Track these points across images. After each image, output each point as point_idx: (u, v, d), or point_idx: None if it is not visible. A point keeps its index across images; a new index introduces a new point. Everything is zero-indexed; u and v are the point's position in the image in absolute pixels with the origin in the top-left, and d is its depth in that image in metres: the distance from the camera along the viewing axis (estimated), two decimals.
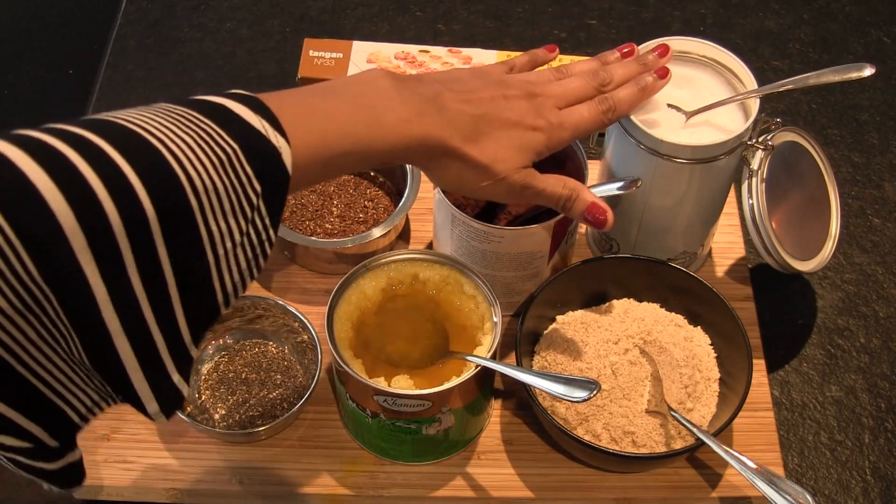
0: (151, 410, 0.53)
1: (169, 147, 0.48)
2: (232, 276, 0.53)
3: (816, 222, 0.91)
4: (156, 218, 0.47)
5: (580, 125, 0.74)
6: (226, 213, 0.50)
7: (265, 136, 0.53)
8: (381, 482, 0.83)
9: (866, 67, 0.81)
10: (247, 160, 0.51)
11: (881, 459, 0.87)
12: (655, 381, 0.82)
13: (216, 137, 0.51)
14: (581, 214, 0.74)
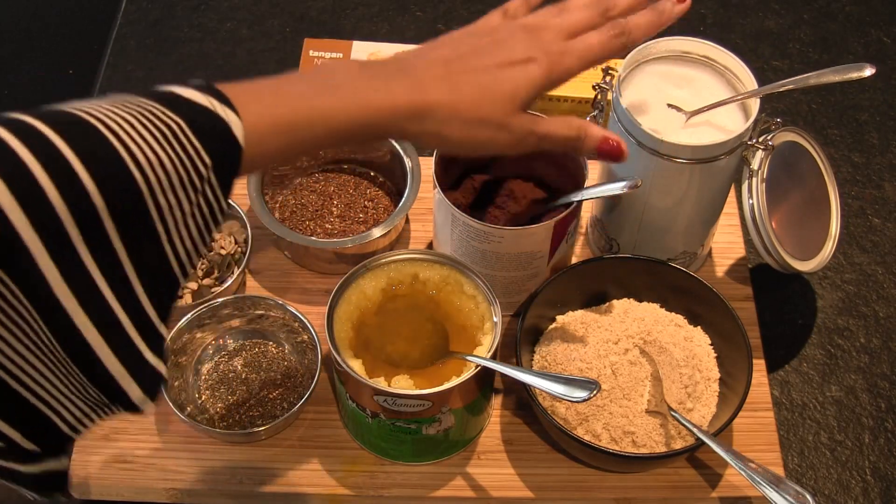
0: (135, 396, 0.52)
1: (110, 126, 0.49)
2: (184, 245, 0.53)
3: (816, 222, 0.91)
4: (98, 193, 0.47)
5: (589, 52, 0.68)
6: (174, 186, 0.51)
7: (212, 110, 0.53)
8: (381, 482, 0.83)
9: (866, 67, 0.81)
10: (193, 133, 0.51)
11: (881, 459, 0.87)
12: (655, 381, 0.82)
13: (159, 115, 0.51)
14: (594, 151, 0.69)
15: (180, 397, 0.85)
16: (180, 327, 0.85)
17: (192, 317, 0.85)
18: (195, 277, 0.92)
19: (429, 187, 0.93)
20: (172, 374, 0.85)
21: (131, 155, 0.48)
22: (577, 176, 0.86)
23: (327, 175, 0.99)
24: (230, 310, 0.88)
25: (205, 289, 0.91)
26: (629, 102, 0.82)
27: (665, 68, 0.86)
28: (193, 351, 0.88)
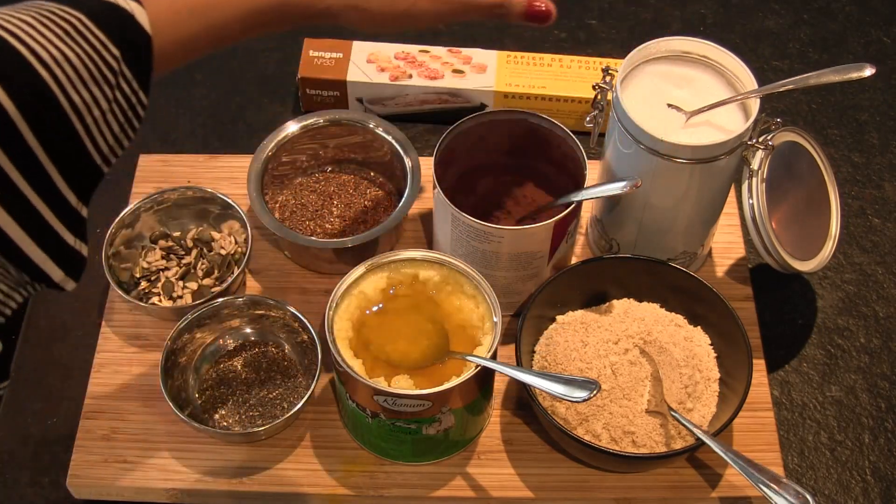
0: (57, 278, 0.53)
1: (10, 30, 0.48)
2: (106, 140, 0.53)
3: (816, 222, 0.91)
4: (7, 98, 0.47)
5: None
6: (85, 82, 0.50)
7: (113, 2, 0.52)
8: (381, 482, 0.83)
9: (866, 67, 0.81)
10: (96, 26, 0.51)
11: (881, 459, 0.87)
12: (655, 381, 0.82)
13: (57, 12, 0.51)
14: (522, 16, 0.69)
15: (180, 397, 0.85)
16: (180, 327, 0.85)
17: (192, 317, 0.85)
18: (195, 277, 0.92)
19: (429, 187, 0.93)
20: (172, 374, 0.85)
21: (35, 55, 0.48)
22: (577, 176, 0.86)
23: (327, 175, 0.99)
24: (230, 310, 0.88)
25: (205, 289, 0.91)
26: (629, 102, 0.82)
27: (665, 68, 0.86)
28: (193, 351, 0.88)
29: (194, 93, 1.12)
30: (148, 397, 0.87)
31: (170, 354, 0.84)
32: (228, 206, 0.93)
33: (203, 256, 0.93)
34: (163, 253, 0.93)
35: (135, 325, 0.91)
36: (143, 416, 0.86)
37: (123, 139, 0.54)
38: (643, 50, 0.85)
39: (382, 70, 1.06)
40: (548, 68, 1.06)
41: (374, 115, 0.98)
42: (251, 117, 1.10)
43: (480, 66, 1.06)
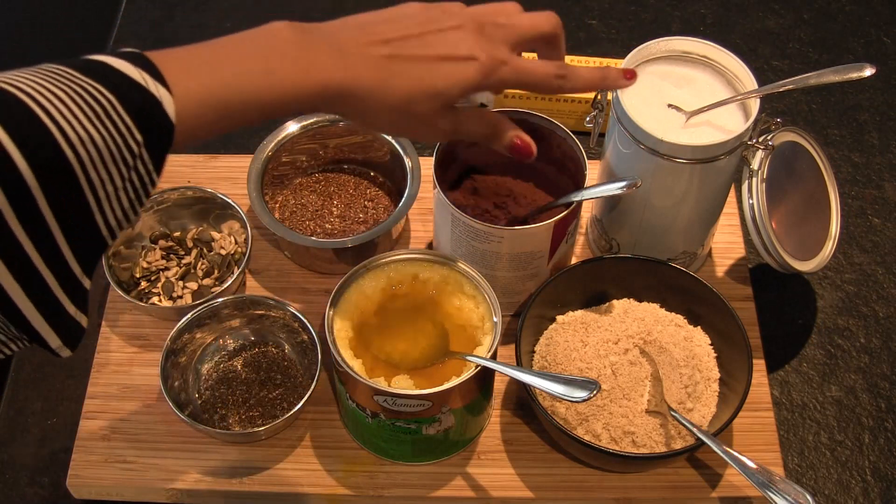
0: (54, 345, 0.54)
1: (40, 103, 0.49)
2: (115, 215, 0.54)
3: (816, 222, 0.91)
4: (28, 168, 0.48)
5: (527, 75, 0.68)
6: (105, 163, 0.51)
7: (144, 86, 0.53)
8: (381, 482, 0.83)
9: (866, 67, 0.81)
10: (125, 111, 0.52)
11: (881, 459, 0.87)
12: (655, 381, 0.82)
13: (91, 90, 0.51)
14: (506, 149, 0.71)
15: (180, 397, 0.85)
16: (180, 327, 0.85)
17: (192, 317, 0.85)
18: (195, 277, 0.92)
19: (429, 187, 0.93)
20: (172, 374, 0.85)
21: (63, 133, 0.49)
22: (577, 176, 0.86)
23: (327, 175, 0.99)
24: (230, 310, 0.88)
25: (205, 289, 0.91)
26: (629, 102, 0.82)
27: (665, 68, 0.86)
28: (193, 351, 0.88)
29: None
30: (148, 397, 0.87)
31: (170, 354, 0.84)
32: (228, 206, 0.93)
33: (203, 256, 0.93)
34: (163, 253, 0.93)
35: (135, 325, 0.91)
36: (143, 416, 0.86)
37: (131, 214, 0.55)
38: (643, 50, 0.85)
39: None
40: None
41: None
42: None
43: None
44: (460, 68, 0.65)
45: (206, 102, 0.57)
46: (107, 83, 0.52)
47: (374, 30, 0.64)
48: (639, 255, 0.89)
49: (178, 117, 0.54)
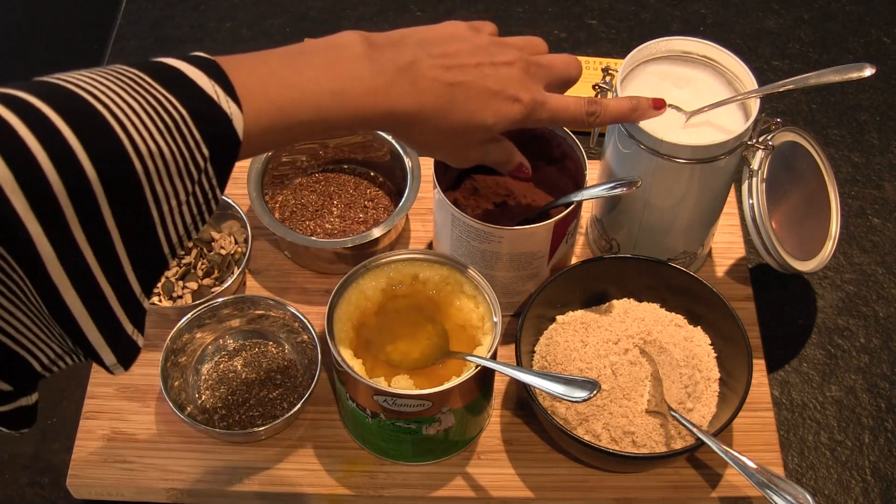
0: (109, 362, 0.54)
1: (113, 111, 0.49)
2: (177, 230, 0.54)
3: (816, 222, 0.91)
4: (97, 179, 0.48)
5: (560, 113, 0.72)
6: (171, 176, 0.51)
7: (216, 101, 0.53)
8: (381, 482, 0.83)
9: (866, 67, 0.81)
10: (195, 125, 0.52)
11: (881, 459, 0.87)
12: (655, 381, 0.82)
13: (164, 102, 0.51)
14: (511, 173, 0.78)
15: (180, 397, 0.85)
16: (180, 327, 0.85)
17: (192, 317, 0.85)
18: (195, 277, 0.92)
19: (429, 187, 0.93)
20: (172, 374, 0.85)
21: (133, 143, 0.49)
22: (577, 176, 0.87)
23: (327, 175, 0.99)
24: (230, 310, 0.88)
25: (205, 289, 0.91)
26: None
27: (665, 68, 0.86)
28: (193, 351, 0.88)
29: None
30: (148, 397, 0.87)
31: (170, 354, 0.84)
32: (228, 206, 0.93)
33: (203, 256, 0.93)
34: None
35: None
36: (143, 416, 0.86)
37: (193, 230, 0.55)
38: (643, 50, 0.85)
39: None
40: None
41: None
42: None
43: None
44: (508, 106, 0.69)
45: (275, 119, 0.57)
46: (180, 95, 0.52)
47: (436, 51, 0.67)
48: (639, 255, 0.89)
49: (245, 134, 0.55)
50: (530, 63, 0.71)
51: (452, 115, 0.67)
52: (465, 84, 0.67)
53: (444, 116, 0.67)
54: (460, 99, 0.67)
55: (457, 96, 0.67)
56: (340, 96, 0.61)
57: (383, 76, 0.63)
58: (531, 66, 0.71)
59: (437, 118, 0.66)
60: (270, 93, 0.57)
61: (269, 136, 0.58)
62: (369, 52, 0.63)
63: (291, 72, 0.59)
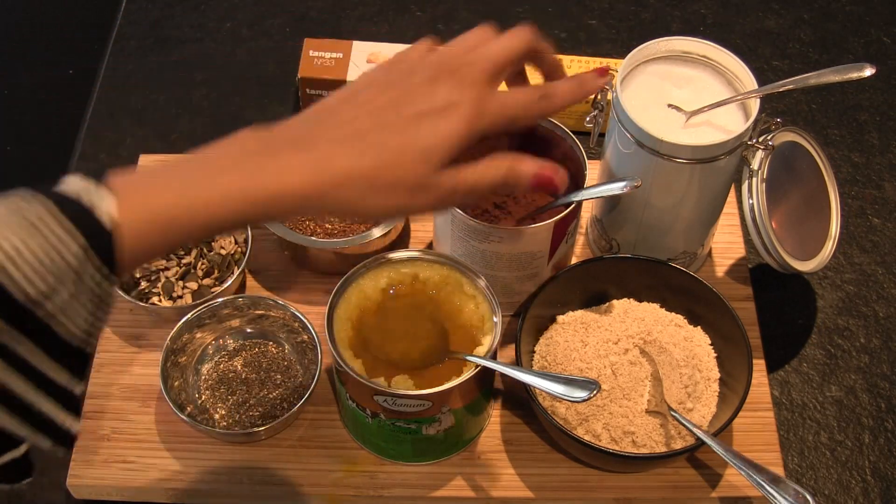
0: (45, 447, 0.54)
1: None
2: (77, 325, 0.52)
3: (816, 222, 0.91)
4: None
5: (510, 106, 0.62)
6: (46, 278, 0.49)
7: (87, 196, 0.51)
8: (381, 482, 0.83)
9: (866, 67, 0.81)
10: (58, 223, 0.50)
11: (881, 459, 0.87)
12: (655, 381, 0.82)
13: (24, 205, 0.50)
14: (530, 187, 0.63)
15: (180, 397, 0.85)
16: (180, 327, 0.85)
17: (192, 317, 0.85)
18: (195, 277, 0.92)
19: None
20: (172, 374, 0.85)
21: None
22: (577, 176, 0.86)
23: None
24: (230, 310, 0.88)
25: (205, 289, 0.91)
26: (629, 102, 0.82)
27: (665, 68, 0.86)
28: (193, 351, 0.88)
29: (194, 93, 1.12)
30: (148, 397, 0.87)
31: (170, 354, 0.84)
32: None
33: (203, 256, 0.93)
34: None
35: (135, 325, 0.91)
36: (143, 416, 0.86)
37: (97, 322, 0.53)
38: (643, 50, 0.85)
39: None
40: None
41: None
42: (251, 117, 1.10)
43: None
44: (443, 120, 0.58)
45: (150, 219, 0.54)
46: (44, 194, 0.51)
47: (341, 112, 0.59)
48: (639, 255, 0.89)
49: (124, 235, 0.52)
50: (458, 66, 0.61)
51: (373, 162, 0.57)
52: (378, 125, 0.58)
53: (361, 167, 0.57)
54: (375, 142, 0.58)
55: (370, 140, 0.58)
56: (220, 188, 0.55)
57: (273, 157, 0.57)
58: (461, 69, 0.61)
59: (353, 174, 0.57)
60: (143, 192, 0.54)
61: (153, 236, 0.54)
62: (258, 141, 0.58)
63: (169, 172, 0.57)
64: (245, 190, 0.55)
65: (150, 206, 0.54)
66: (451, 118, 0.59)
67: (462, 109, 0.59)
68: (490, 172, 0.61)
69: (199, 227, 0.55)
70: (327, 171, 0.57)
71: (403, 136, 0.58)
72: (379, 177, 0.57)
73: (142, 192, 0.54)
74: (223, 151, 0.58)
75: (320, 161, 0.57)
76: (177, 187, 0.55)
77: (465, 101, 0.59)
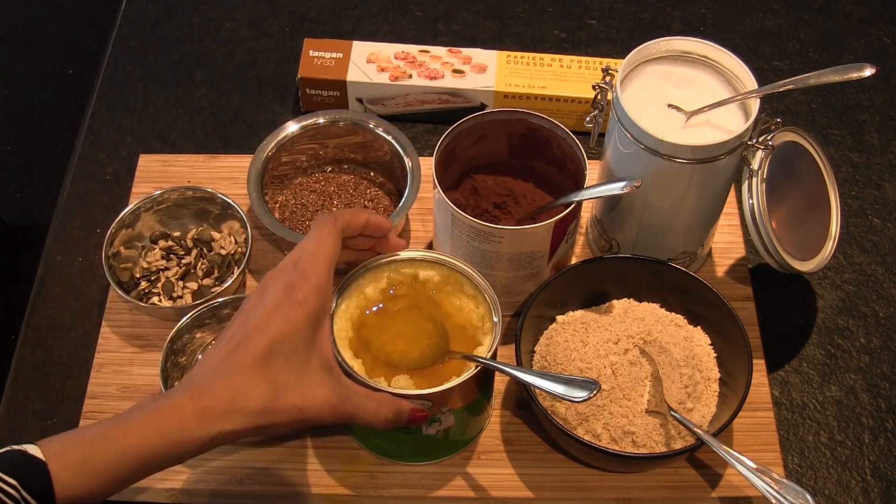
0: None
1: None
2: None
3: (816, 222, 0.91)
4: None
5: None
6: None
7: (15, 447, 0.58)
8: (381, 482, 0.83)
9: (866, 67, 0.81)
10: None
11: (881, 459, 0.87)
12: (655, 381, 0.82)
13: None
14: (406, 422, 0.72)
15: None
16: (180, 327, 0.85)
17: (192, 317, 0.85)
18: (195, 277, 0.92)
19: (429, 187, 0.93)
20: (172, 374, 0.85)
21: None
22: (577, 176, 0.87)
23: (327, 175, 0.99)
24: (230, 310, 0.88)
25: (205, 289, 0.91)
26: (629, 102, 0.82)
27: (665, 68, 0.86)
28: (193, 351, 0.88)
29: (194, 93, 1.12)
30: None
31: (170, 354, 0.84)
32: (228, 206, 0.93)
33: (203, 256, 0.93)
34: (163, 253, 0.93)
35: (135, 325, 0.91)
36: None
37: None
38: (643, 50, 0.85)
39: (382, 70, 1.06)
40: (548, 68, 1.06)
41: (374, 115, 0.98)
42: (251, 117, 1.10)
43: (480, 66, 1.06)
44: (294, 330, 0.66)
45: (79, 466, 0.60)
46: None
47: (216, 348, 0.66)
48: (639, 255, 0.89)
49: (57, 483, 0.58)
50: (287, 284, 0.68)
51: (214, 392, 0.64)
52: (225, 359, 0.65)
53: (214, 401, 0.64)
54: (219, 374, 0.64)
55: (220, 371, 0.65)
56: (132, 431, 0.61)
57: (169, 398, 0.63)
58: (287, 271, 0.69)
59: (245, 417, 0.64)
60: (67, 442, 0.61)
61: (89, 481, 0.60)
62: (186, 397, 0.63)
63: (94, 427, 0.62)
64: (149, 427, 0.61)
65: (76, 459, 0.60)
66: (298, 314, 0.67)
67: (302, 303, 0.67)
68: (377, 405, 0.70)
69: (128, 471, 0.61)
70: (201, 402, 0.63)
71: (224, 368, 0.65)
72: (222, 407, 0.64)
73: (61, 439, 0.61)
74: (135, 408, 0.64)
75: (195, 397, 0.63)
76: (93, 437, 0.61)
77: (301, 293, 0.68)
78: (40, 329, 0.93)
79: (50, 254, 0.98)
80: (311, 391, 0.66)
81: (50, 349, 0.92)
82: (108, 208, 0.97)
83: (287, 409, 0.64)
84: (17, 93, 1.92)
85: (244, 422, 0.63)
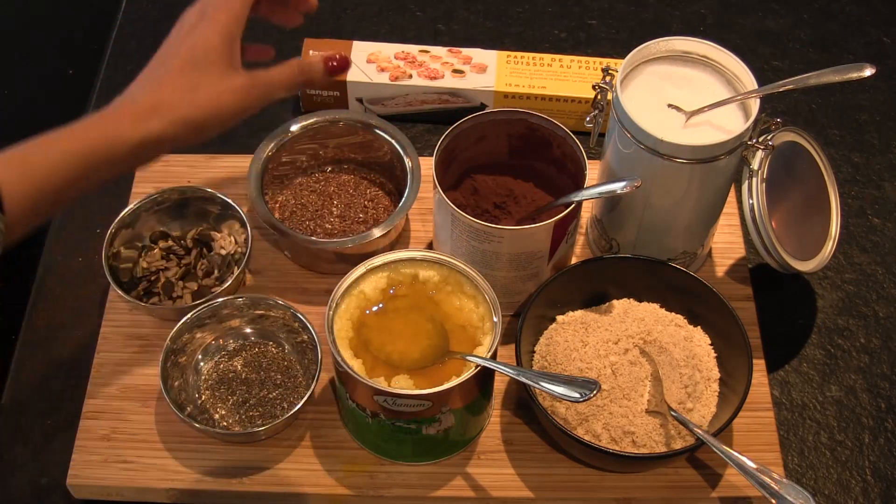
0: None
1: None
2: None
3: (816, 222, 0.91)
4: None
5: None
6: None
7: None
8: (381, 482, 0.83)
9: (866, 67, 0.81)
10: None
11: (881, 459, 0.87)
12: (655, 381, 0.82)
13: None
14: (325, 77, 0.78)
15: (180, 397, 0.85)
16: (180, 327, 0.85)
17: (192, 317, 0.85)
18: (195, 277, 0.92)
19: (429, 187, 0.93)
20: (172, 374, 0.85)
21: None
22: (577, 176, 0.87)
23: (327, 175, 0.99)
24: (230, 310, 0.88)
25: (205, 289, 0.91)
26: (629, 102, 0.82)
27: (665, 68, 0.86)
28: (193, 351, 0.88)
29: None
30: (148, 397, 0.87)
31: (170, 354, 0.84)
32: (228, 206, 0.93)
33: (203, 256, 0.93)
34: (163, 253, 0.93)
35: (135, 325, 0.91)
36: (143, 416, 0.86)
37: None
38: (643, 50, 0.85)
39: (382, 70, 1.06)
40: (548, 68, 1.06)
41: (374, 115, 0.98)
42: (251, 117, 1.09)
43: (480, 66, 1.06)
44: (197, 31, 0.72)
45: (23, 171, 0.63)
46: None
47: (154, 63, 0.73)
48: (639, 255, 0.89)
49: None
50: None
51: (171, 79, 0.71)
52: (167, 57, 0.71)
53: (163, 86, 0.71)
54: (167, 66, 0.71)
55: (168, 65, 0.71)
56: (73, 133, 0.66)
57: (110, 107, 0.69)
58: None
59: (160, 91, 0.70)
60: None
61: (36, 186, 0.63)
62: None
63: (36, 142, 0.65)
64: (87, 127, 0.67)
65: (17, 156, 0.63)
66: (200, 26, 0.73)
67: (206, 16, 0.73)
68: (285, 70, 0.77)
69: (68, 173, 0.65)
70: (146, 99, 0.70)
71: (173, 52, 0.72)
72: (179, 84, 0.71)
73: (6, 149, 0.63)
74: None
75: (133, 98, 0.70)
76: (36, 139, 0.65)
77: (208, 7, 0.74)
78: (40, 329, 0.93)
79: (50, 254, 0.98)
80: (227, 84, 0.73)
81: (50, 349, 0.92)
82: (108, 208, 0.97)
83: (207, 101, 0.71)
84: (17, 93, 1.91)
85: (170, 119, 0.70)
